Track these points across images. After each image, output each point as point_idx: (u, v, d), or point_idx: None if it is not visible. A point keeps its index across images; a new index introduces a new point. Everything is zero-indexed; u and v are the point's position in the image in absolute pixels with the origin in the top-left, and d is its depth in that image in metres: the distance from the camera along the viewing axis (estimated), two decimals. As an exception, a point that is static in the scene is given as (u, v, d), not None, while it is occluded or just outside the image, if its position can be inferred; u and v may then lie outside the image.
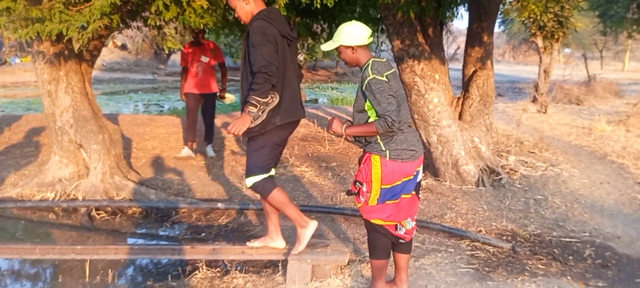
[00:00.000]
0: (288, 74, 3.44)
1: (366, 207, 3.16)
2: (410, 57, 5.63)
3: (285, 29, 3.42)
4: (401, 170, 3.07)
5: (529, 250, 4.23)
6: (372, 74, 3.02)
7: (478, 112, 6.07)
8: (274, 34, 3.31)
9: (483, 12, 5.97)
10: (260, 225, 5.01)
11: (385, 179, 3.07)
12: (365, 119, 3.11)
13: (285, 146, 3.70)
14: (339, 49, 3.18)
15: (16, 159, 6.99)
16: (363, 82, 3.07)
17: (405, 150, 3.07)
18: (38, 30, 4.47)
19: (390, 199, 3.11)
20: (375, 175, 3.07)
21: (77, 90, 5.72)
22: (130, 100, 17.04)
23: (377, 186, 3.08)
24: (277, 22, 3.37)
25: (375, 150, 3.07)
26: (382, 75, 3.02)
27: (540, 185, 5.74)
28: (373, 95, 2.99)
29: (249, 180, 3.49)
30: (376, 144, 3.07)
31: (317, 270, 3.60)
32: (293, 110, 3.47)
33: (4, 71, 22.87)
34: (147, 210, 5.44)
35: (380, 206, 3.12)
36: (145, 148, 7.43)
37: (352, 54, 3.15)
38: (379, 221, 3.16)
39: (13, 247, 3.99)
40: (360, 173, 3.15)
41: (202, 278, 3.82)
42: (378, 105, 2.98)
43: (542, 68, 11.47)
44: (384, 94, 2.97)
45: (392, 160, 3.05)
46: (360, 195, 3.15)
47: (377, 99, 2.98)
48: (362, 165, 3.14)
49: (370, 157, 3.09)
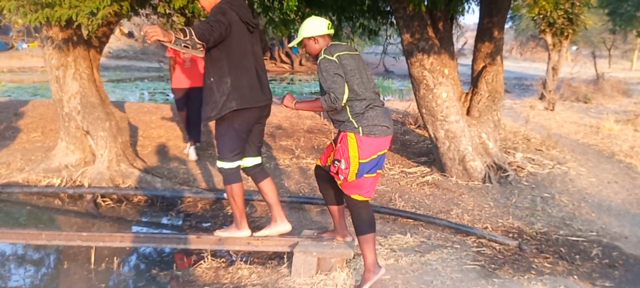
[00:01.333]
0: (246, 61, 3.51)
1: (346, 183, 3.31)
2: (419, 50, 5.59)
3: (246, 15, 3.51)
4: (375, 144, 3.27)
5: (536, 248, 4.21)
6: (323, 55, 3.24)
7: (486, 108, 6.03)
8: (233, 18, 3.40)
9: (494, 7, 5.91)
10: (266, 216, 5.00)
11: (362, 154, 3.25)
12: None
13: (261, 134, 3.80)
14: (304, 42, 3.39)
15: (23, 144, 7.00)
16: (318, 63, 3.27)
17: (377, 126, 3.26)
18: (47, 15, 4.46)
19: (368, 173, 3.30)
20: (352, 151, 3.26)
21: (85, 77, 5.71)
22: (136, 88, 17.03)
23: (356, 161, 3.26)
24: (238, 8, 3.47)
25: (348, 128, 3.26)
26: (332, 55, 3.22)
27: (547, 183, 5.71)
28: (321, 73, 3.22)
29: (218, 162, 3.65)
30: (349, 123, 3.26)
31: (322, 263, 3.60)
32: (251, 97, 3.53)
33: (11, 56, 22.92)
34: (152, 198, 5.45)
35: (358, 181, 3.29)
36: (151, 136, 7.42)
37: (315, 44, 3.36)
38: (359, 196, 3.32)
39: (19, 232, 4.00)
40: (338, 151, 3.32)
41: (207, 268, 3.81)
42: (324, 82, 3.21)
43: (550, 65, 11.38)
44: (329, 73, 3.18)
45: (366, 135, 3.24)
46: (339, 173, 3.31)
47: (324, 76, 3.20)
48: (339, 144, 3.32)
49: (346, 135, 3.28)
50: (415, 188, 5.60)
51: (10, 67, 20.75)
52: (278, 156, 6.67)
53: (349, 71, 3.22)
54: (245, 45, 3.50)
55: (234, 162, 3.62)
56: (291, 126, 8.21)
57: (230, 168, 3.62)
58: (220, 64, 3.46)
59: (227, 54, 3.45)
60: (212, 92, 3.48)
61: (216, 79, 3.47)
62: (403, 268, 3.71)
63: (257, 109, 3.61)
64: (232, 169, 3.63)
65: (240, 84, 3.47)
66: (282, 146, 7.13)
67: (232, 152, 3.58)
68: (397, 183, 5.74)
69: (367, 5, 6.58)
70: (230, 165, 3.61)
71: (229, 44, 3.43)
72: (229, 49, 3.44)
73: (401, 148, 7.18)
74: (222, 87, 3.46)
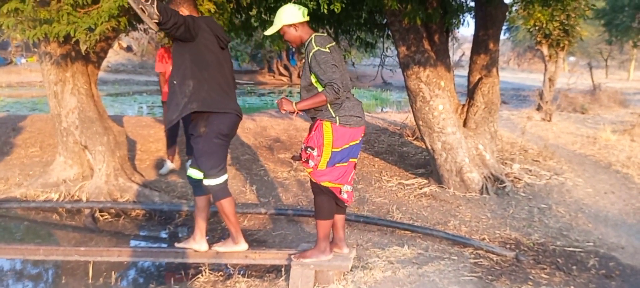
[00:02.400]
0: (211, 70, 3.55)
1: (316, 171, 3.41)
2: (415, 63, 5.63)
3: (218, 30, 3.60)
4: (349, 134, 3.38)
5: (533, 259, 4.22)
6: (317, 46, 3.27)
7: (483, 120, 6.06)
8: (201, 26, 3.48)
9: (489, 19, 5.97)
10: (263, 229, 5.01)
11: (336, 143, 3.36)
12: (314, 93, 3.33)
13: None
14: (282, 30, 3.42)
15: (21, 159, 7.02)
16: (308, 56, 3.30)
17: (353, 116, 3.37)
18: (46, 32, 4.50)
19: (339, 162, 3.41)
20: (326, 139, 3.34)
21: (83, 92, 5.74)
22: (135, 102, 17.07)
23: (329, 150, 3.36)
24: (208, 22, 3.57)
25: (325, 117, 3.34)
26: (325, 47, 3.27)
27: (545, 194, 5.72)
28: (318, 65, 3.24)
29: (205, 181, 3.65)
30: (326, 111, 3.34)
31: (320, 276, 3.60)
32: (213, 102, 3.54)
33: (9, 71, 22.96)
34: (150, 212, 5.45)
35: (330, 169, 3.40)
36: (150, 150, 7.44)
37: (295, 32, 3.40)
38: (328, 183, 3.43)
39: (17, 247, 4.01)
40: (312, 139, 3.39)
41: (204, 282, 3.82)
42: (323, 74, 3.23)
43: (547, 76, 11.44)
44: (328, 64, 3.23)
45: (342, 125, 3.34)
46: (309, 160, 3.39)
47: (322, 68, 3.23)
48: (313, 132, 3.38)
49: (322, 124, 3.36)
50: (413, 200, 5.62)
51: (9, 82, 20.79)
52: (276, 169, 6.69)
53: (337, 62, 3.33)
54: (212, 56, 3.55)
55: (221, 178, 3.64)
56: (289, 138, 8.23)
57: (218, 185, 3.63)
58: (183, 67, 3.51)
59: (191, 59, 3.50)
60: (175, 94, 3.54)
61: (179, 82, 3.52)
62: (400, 280, 3.71)
63: (228, 117, 3.61)
64: (219, 185, 3.64)
65: (203, 89, 3.52)
66: (280, 159, 7.15)
67: (216, 167, 3.61)
68: (395, 195, 5.76)
69: (364, 19, 6.63)
70: (217, 182, 3.63)
71: (194, 49, 3.50)
72: (195, 53, 3.50)
73: (399, 160, 7.21)
74: (184, 89, 3.51)
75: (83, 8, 4.54)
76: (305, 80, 3.39)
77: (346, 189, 3.54)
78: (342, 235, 3.73)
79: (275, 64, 26.40)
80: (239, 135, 8.29)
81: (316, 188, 3.51)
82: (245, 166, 6.81)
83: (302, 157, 3.45)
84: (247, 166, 6.81)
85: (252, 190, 5.91)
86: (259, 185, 6.07)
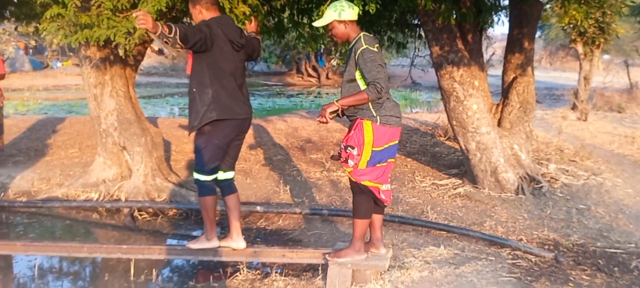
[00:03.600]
0: (228, 75, 3.62)
1: (357, 170, 3.43)
2: (449, 63, 5.60)
3: (232, 34, 3.62)
4: (389, 134, 3.41)
5: (573, 261, 4.15)
6: (366, 44, 3.31)
7: (518, 119, 5.99)
8: (217, 33, 3.52)
9: (524, 17, 5.89)
10: (298, 229, 5.05)
11: (376, 142, 3.37)
12: (356, 88, 3.38)
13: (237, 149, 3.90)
14: (332, 24, 3.44)
15: (61, 160, 7.23)
16: (355, 53, 3.34)
17: (392, 116, 3.40)
18: (87, 36, 4.62)
19: (379, 162, 3.43)
20: (367, 138, 3.36)
21: (121, 94, 5.89)
22: (167, 104, 17.37)
23: (369, 149, 3.37)
24: (224, 26, 3.59)
25: (366, 116, 3.36)
26: (373, 46, 3.32)
27: (583, 195, 5.62)
28: (365, 63, 3.28)
29: (195, 174, 3.75)
30: (367, 111, 3.36)
31: (357, 275, 3.62)
32: (231, 109, 3.64)
33: (46, 75, 23.62)
34: (187, 212, 5.55)
35: (370, 168, 3.42)
36: (184, 151, 7.57)
37: (344, 29, 3.42)
38: (368, 182, 3.45)
39: (62, 245, 4.14)
40: (352, 138, 3.40)
41: (243, 280, 3.87)
42: (369, 72, 3.27)
43: (582, 75, 11.21)
44: (375, 63, 3.27)
45: (382, 124, 3.37)
46: (349, 159, 3.40)
47: (369, 67, 3.27)
48: (353, 131, 3.40)
49: (362, 123, 3.37)
50: (447, 201, 5.58)
51: (46, 85, 21.39)
52: (308, 169, 6.73)
53: (382, 63, 3.38)
54: (228, 60, 3.61)
55: (211, 176, 3.73)
56: (320, 139, 8.27)
57: (206, 181, 3.73)
58: (202, 75, 3.59)
59: (209, 67, 3.58)
60: (195, 102, 3.62)
61: (198, 90, 3.60)
62: (438, 280, 3.70)
63: (238, 122, 3.72)
64: (207, 182, 3.73)
65: (221, 95, 3.60)
66: (312, 159, 7.19)
67: (210, 165, 3.69)
68: (429, 196, 5.74)
69: (394, 19, 6.62)
70: (206, 178, 3.72)
71: (212, 56, 3.57)
72: (211, 61, 3.57)
73: (431, 160, 7.17)
74: (203, 98, 3.58)
75: (122, 12, 4.66)
76: (349, 75, 3.41)
77: (385, 189, 3.55)
78: (379, 235, 3.74)
79: (303, 65, 26.48)
80: (271, 136, 8.38)
81: (356, 188, 3.53)
82: (278, 166, 6.87)
83: (341, 157, 3.47)
84: (280, 166, 6.87)
85: (286, 190, 5.96)
86: (292, 185, 6.12)
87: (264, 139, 8.20)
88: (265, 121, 9.60)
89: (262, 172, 6.66)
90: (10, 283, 4.18)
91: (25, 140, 8.19)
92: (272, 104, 17.50)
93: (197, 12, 3.65)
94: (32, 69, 24.11)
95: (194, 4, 3.65)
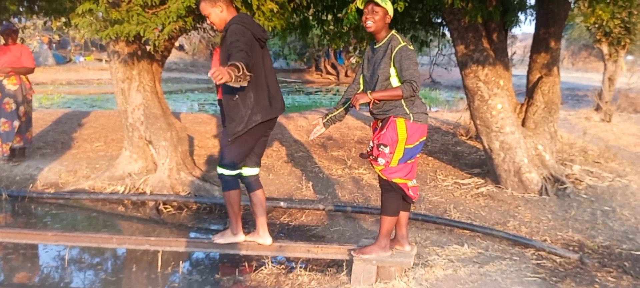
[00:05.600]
0: (262, 75, 3.66)
1: (388, 168, 3.45)
2: (474, 62, 5.58)
3: (258, 32, 3.65)
4: (421, 130, 3.46)
5: (598, 262, 4.13)
6: (404, 42, 3.36)
7: (542, 119, 5.95)
8: (249, 37, 3.54)
9: (551, 17, 5.85)
10: (321, 225, 5.09)
11: (410, 139, 3.42)
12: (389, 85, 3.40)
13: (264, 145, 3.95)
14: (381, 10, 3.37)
15: (87, 153, 7.36)
16: (392, 50, 3.35)
17: (423, 113, 3.47)
18: (117, 32, 4.71)
19: (410, 158, 3.49)
20: (400, 135, 3.39)
21: (148, 89, 5.98)
22: (188, 99, 17.53)
23: (402, 146, 3.41)
24: (251, 26, 3.61)
25: (400, 114, 3.39)
26: (410, 45, 3.37)
27: (608, 196, 5.57)
28: (404, 61, 3.31)
29: (219, 169, 3.79)
30: (401, 108, 3.38)
31: (381, 272, 3.65)
32: (272, 109, 3.72)
33: (69, 69, 24.01)
34: (211, 206, 5.63)
35: (401, 166, 3.46)
36: (207, 146, 7.66)
37: (383, 23, 3.42)
38: (400, 180, 3.49)
39: (92, 235, 4.23)
40: (385, 136, 3.41)
41: (268, 274, 3.92)
42: (406, 70, 3.30)
43: (606, 75, 11.06)
44: (412, 61, 3.32)
45: (415, 122, 3.41)
46: (380, 157, 3.42)
47: (407, 64, 3.30)
48: (386, 129, 3.40)
49: (395, 121, 3.39)
50: (470, 200, 5.58)
51: (69, 79, 21.74)
52: (330, 166, 6.76)
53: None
54: (259, 60, 3.66)
55: (234, 170, 3.77)
56: (341, 137, 8.30)
57: (230, 176, 3.77)
58: None
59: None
60: (238, 108, 3.63)
61: (241, 95, 3.62)
62: (462, 278, 3.71)
63: (272, 121, 3.80)
64: (232, 177, 3.78)
65: (262, 96, 3.65)
66: (333, 156, 7.22)
67: (236, 161, 3.73)
68: (451, 195, 5.73)
69: (418, 17, 6.61)
70: (231, 173, 3.76)
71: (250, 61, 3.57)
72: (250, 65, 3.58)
73: (453, 159, 7.15)
74: (247, 102, 3.62)
75: (151, 8, 4.74)
76: (384, 73, 3.39)
77: (412, 185, 3.58)
78: (404, 233, 3.77)
79: (322, 62, 26.51)
80: (292, 133, 8.42)
81: (386, 185, 3.56)
82: (300, 163, 6.92)
83: (372, 154, 3.50)
84: (302, 163, 6.92)
85: (308, 187, 6.00)
86: (314, 182, 6.16)
87: (285, 136, 8.25)
88: (286, 118, 9.65)
89: (284, 169, 6.71)
90: (39, 271, 4.29)
91: (52, 133, 8.36)
92: (292, 100, 17.56)
93: (219, 10, 3.64)
94: (55, 63, 24.53)
95: (214, 2, 3.65)
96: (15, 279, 4.19)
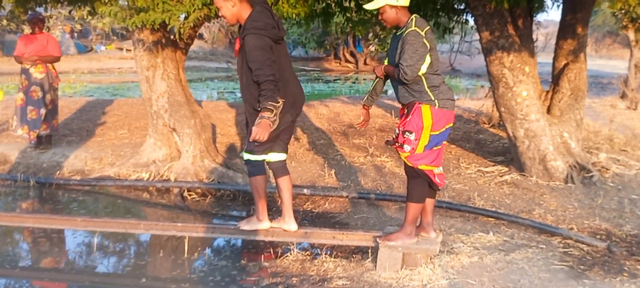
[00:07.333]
0: (284, 72, 3.63)
1: (414, 154, 3.45)
2: (499, 48, 5.51)
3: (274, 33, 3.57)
4: (446, 117, 3.46)
5: (626, 251, 4.08)
6: (415, 27, 3.35)
7: (568, 107, 5.87)
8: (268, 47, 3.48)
9: (578, 2, 5.74)
10: (345, 212, 5.10)
11: (435, 126, 3.41)
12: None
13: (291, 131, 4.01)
14: (383, 8, 3.45)
15: (112, 141, 7.46)
16: (404, 33, 3.37)
17: (449, 100, 3.46)
18: (142, 20, 4.75)
19: (436, 145, 3.48)
20: (426, 122, 3.38)
21: (172, 77, 6.03)
22: (207, 88, 17.65)
23: (427, 133, 3.40)
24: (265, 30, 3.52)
25: (425, 100, 3.39)
26: (422, 30, 3.34)
27: (635, 185, 5.48)
28: (404, 44, 3.32)
29: (245, 155, 3.80)
30: (425, 94, 3.39)
31: (407, 258, 3.65)
32: (297, 103, 3.76)
33: (90, 58, 24.28)
34: (234, 193, 5.67)
35: (427, 152, 3.46)
36: (229, 133, 7.71)
37: (395, 14, 3.44)
38: (426, 166, 3.49)
39: (120, 221, 4.29)
40: (410, 123, 3.41)
41: (293, 260, 3.95)
42: (402, 54, 3.32)
43: (632, 62, 10.85)
44: (412, 46, 3.30)
45: (441, 108, 3.41)
46: (405, 144, 3.42)
47: (405, 48, 3.31)
48: (411, 116, 3.41)
49: (420, 107, 3.39)
50: (494, 188, 5.54)
51: (90, 68, 22.01)
52: (352, 154, 6.76)
53: (433, 46, 3.41)
54: (280, 57, 3.62)
55: (261, 156, 3.77)
56: (363, 125, 8.26)
57: (257, 161, 3.77)
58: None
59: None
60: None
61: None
62: (488, 266, 3.70)
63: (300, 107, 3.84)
64: (258, 162, 3.78)
65: (288, 93, 3.65)
66: (355, 144, 7.21)
67: (263, 148, 3.72)
68: (475, 182, 5.70)
69: (440, 4, 6.54)
70: (257, 158, 3.76)
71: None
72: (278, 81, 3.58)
73: (476, 147, 7.10)
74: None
75: (176, -4, 4.77)
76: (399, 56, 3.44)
77: (438, 172, 3.57)
78: (430, 220, 3.76)
79: (341, 50, 26.44)
80: (313, 121, 8.43)
81: (412, 172, 3.56)
82: (322, 151, 6.93)
83: (397, 141, 3.50)
84: (324, 151, 6.92)
85: (331, 174, 6.01)
86: (336, 169, 6.17)
87: (306, 124, 8.25)
88: (307, 106, 9.65)
89: (307, 156, 6.73)
90: (68, 256, 4.39)
91: (77, 121, 8.48)
92: (311, 88, 17.57)
93: (231, 4, 3.54)
94: (77, 52, 24.81)
95: None
96: (46, 264, 4.29)
